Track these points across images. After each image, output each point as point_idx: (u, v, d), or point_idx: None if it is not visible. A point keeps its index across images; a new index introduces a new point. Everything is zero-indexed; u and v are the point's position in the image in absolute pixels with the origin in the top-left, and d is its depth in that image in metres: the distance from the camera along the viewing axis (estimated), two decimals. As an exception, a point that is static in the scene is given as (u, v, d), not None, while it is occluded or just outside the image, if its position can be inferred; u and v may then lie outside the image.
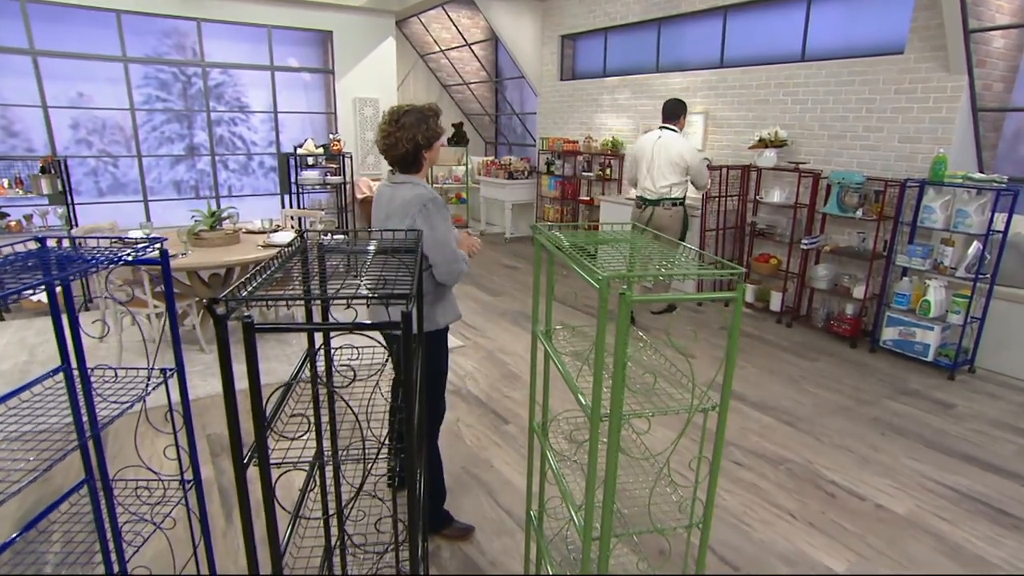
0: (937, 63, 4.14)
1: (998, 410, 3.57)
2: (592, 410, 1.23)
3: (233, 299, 0.97)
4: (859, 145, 4.62)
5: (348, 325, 1.01)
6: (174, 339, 1.48)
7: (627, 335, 1.18)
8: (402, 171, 2.17)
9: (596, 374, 1.20)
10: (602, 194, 7.19)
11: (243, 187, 8.80)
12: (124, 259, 1.28)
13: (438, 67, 10.12)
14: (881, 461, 3.00)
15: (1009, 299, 3.98)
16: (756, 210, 5.29)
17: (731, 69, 5.56)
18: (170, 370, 1.44)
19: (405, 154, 2.10)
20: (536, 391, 1.96)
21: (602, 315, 1.18)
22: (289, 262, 1.40)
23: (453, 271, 2.11)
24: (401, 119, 2.07)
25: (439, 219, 2.07)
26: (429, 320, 2.17)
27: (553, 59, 7.87)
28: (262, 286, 1.15)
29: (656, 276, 1.26)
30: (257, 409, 0.98)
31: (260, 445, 0.99)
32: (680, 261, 1.41)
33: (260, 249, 4.13)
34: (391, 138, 2.08)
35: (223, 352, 0.95)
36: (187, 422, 1.47)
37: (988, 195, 3.78)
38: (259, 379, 0.98)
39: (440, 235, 2.05)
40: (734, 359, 1.27)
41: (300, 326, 1.07)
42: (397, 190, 2.14)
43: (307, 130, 8.82)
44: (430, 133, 2.10)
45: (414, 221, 2.04)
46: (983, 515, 2.62)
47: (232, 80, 8.30)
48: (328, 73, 8.60)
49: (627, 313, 1.15)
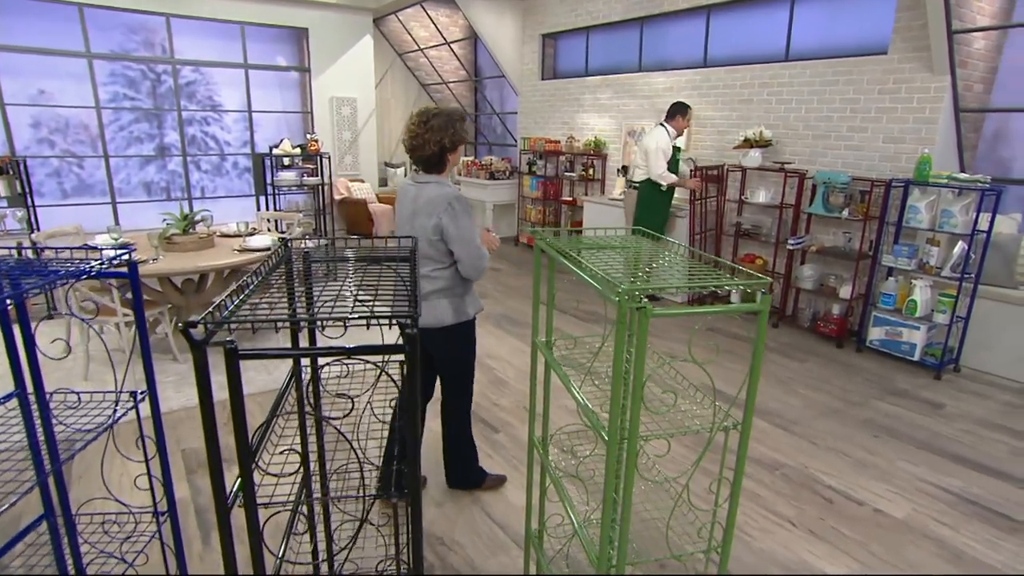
0: (920, 63, 4.15)
1: (986, 409, 3.58)
2: (609, 433, 1.14)
3: (212, 321, 0.86)
4: (844, 145, 4.63)
5: (344, 350, 0.90)
6: (144, 357, 1.35)
7: (644, 352, 1.09)
8: (426, 171, 2.27)
9: (614, 397, 1.11)
10: (585, 194, 7.12)
11: (216, 188, 8.54)
12: (87, 272, 1.15)
13: (416, 66, 9.96)
14: (876, 464, 2.97)
15: (992, 298, 4.01)
16: (741, 210, 5.27)
17: (715, 69, 5.54)
18: (141, 393, 1.31)
19: (431, 155, 2.20)
20: (530, 401, 1.87)
21: (620, 332, 1.09)
22: (272, 274, 1.28)
23: (478, 267, 2.26)
24: (430, 121, 2.17)
25: (464, 217, 2.18)
26: (460, 312, 2.33)
27: (534, 58, 7.78)
28: (243, 303, 1.03)
29: (678, 288, 1.17)
30: (242, 445, 0.86)
31: (246, 483, 0.88)
32: (695, 270, 1.32)
33: (236, 253, 3.96)
34: (419, 139, 2.18)
35: (202, 381, 0.84)
36: (160, 450, 1.34)
37: (972, 195, 3.79)
38: (244, 411, 0.87)
39: (466, 232, 2.18)
40: (758, 374, 1.19)
41: (288, 352, 0.95)
42: (423, 189, 2.24)
43: (282, 130, 8.59)
44: (456, 137, 2.21)
45: (440, 219, 2.16)
46: (980, 518, 2.60)
47: (204, 78, 8.04)
48: (304, 71, 8.40)
49: (646, 330, 1.07)
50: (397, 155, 10.17)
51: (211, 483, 0.87)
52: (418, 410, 0.93)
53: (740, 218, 5.29)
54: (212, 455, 0.85)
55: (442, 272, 2.29)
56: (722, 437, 1.35)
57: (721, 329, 4.84)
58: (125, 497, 2.15)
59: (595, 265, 1.28)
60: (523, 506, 2.61)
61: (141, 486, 1.45)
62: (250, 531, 0.90)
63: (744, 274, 1.22)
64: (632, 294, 1.06)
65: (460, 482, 2.71)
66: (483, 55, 9.23)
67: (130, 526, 1.41)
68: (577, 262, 1.30)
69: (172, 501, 1.40)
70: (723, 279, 1.24)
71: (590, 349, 1.78)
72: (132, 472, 2.70)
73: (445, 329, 2.34)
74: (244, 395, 0.88)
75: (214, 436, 0.85)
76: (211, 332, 0.85)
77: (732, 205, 5.33)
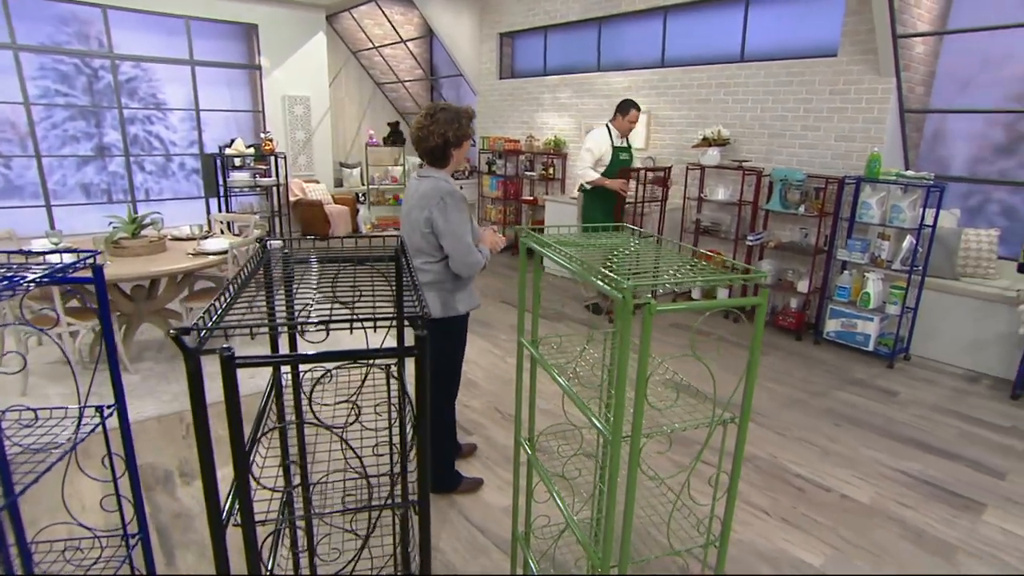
0: (867, 66, 4.33)
1: (936, 395, 3.76)
2: (613, 432, 1.12)
3: (206, 328, 0.79)
4: (798, 144, 4.78)
5: (355, 353, 0.85)
6: (111, 367, 1.25)
7: (648, 348, 1.08)
8: (431, 164, 2.31)
9: (618, 393, 1.09)
10: (546, 194, 7.14)
11: (162, 190, 8.16)
12: (53, 277, 1.05)
13: (371, 64, 9.78)
14: (840, 452, 3.07)
15: (937, 289, 4.22)
16: (700, 208, 5.38)
17: (672, 69, 5.64)
18: (108, 407, 1.21)
19: (434, 148, 2.24)
20: (516, 400, 1.84)
21: (626, 327, 1.07)
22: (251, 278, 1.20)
23: (467, 263, 2.24)
24: (437, 115, 2.22)
25: (454, 212, 2.20)
26: (448, 307, 2.32)
27: (492, 57, 7.75)
28: (229, 308, 0.96)
29: (679, 283, 1.16)
30: (239, 457, 0.80)
31: (243, 498, 0.82)
32: (686, 266, 1.32)
33: (190, 257, 3.78)
34: (424, 131, 2.23)
35: (196, 392, 0.77)
36: (130, 467, 1.24)
37: (919, 191, 3.98)
38: (240, 422, 0.80)
39: (454, 227, 2.19)
40: (756, 369, 1.20)
41: (289, 357, 0.89)
42: (422, 183, 2.28)
43: (232, 129, 8.29)
44: (460, 132, 2.25)
45: (431, 212, 2.19)
46: (937, 498, 2.72)
47: (146, 74, 7.66)
48: (255, 69, 8.12)
49: (650, 325, 1.05)
50: (352, 155, 9.96)
51: (205, 500, 0.80)
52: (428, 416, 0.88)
53: (699, 215, 5.40)
54: (206, 470, 0.78)
55: (432, 265, 2.31)
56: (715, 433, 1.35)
57: (693, 328, 4.93)
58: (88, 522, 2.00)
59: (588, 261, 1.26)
60: (502, 508, 2.58)
61: (108, 507, 1.34)
62: (247, 548, 0.84)
63: (740, 269, 1.22)
64: (636, 290, 1.04)
65: (435, 485, 2.66)
66: (439, 53, 9.14)
67: (95, 551, 1.31)
68: (571, 260, 1.28)
69: (143, 522, 1.30)
70: (719, 274, 1.24)
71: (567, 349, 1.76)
72: (86, 493, 2.53)
73: (431, 322, 2.33)
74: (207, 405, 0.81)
75: (208, 449, 0.78)
76: (204, 339, 0.78)
77: (692, 203, 5.43)
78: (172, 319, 4.20)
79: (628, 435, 1.13)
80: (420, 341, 0.84)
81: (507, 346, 4.42)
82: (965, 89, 4.55)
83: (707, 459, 2.88)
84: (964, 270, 4.29)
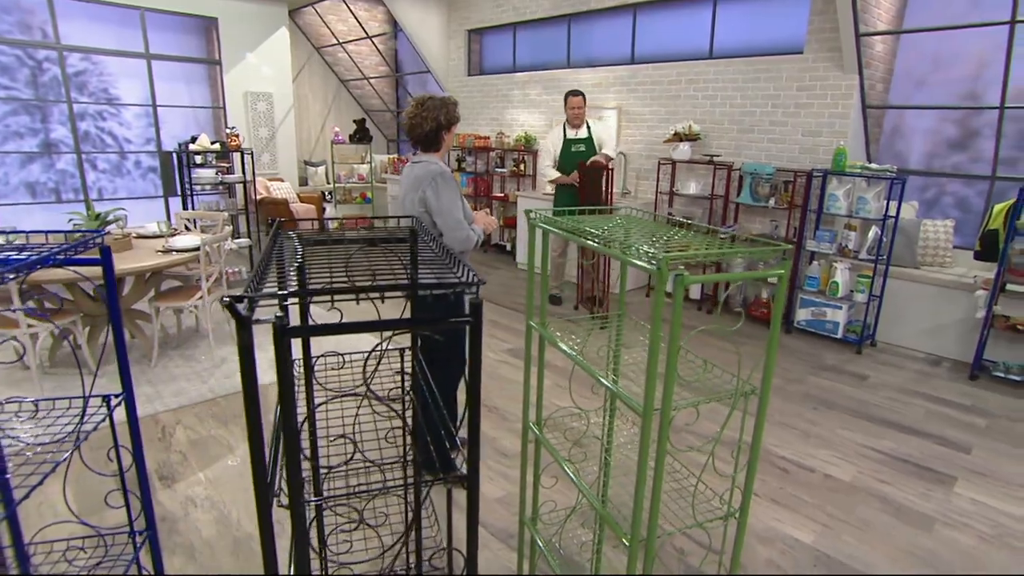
0: (832, 63, 4.49)
1: (902, 378, 3.93)
2: (645, 406, 1.12)
3: (261, 295, 0.75)
4: (766, 138, 4.92)
5: (415, 322, 0.82)
6: (119, 355, 1.18)
7: (680, 320, 1.09)
8: (424, 150, 2.47)
9: (650, 367, 1.09)
10: (517, 190, 7.14)
11: (117, 189, 7.82)
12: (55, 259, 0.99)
13: (335, 60, 9.61)
14: (820, 434, 3.17)
15: (900, 277, 4.40)
16: (672, 202, 5.48)
17: (642, 65, 5.72)
18: (116, 396, 1.15)
19: (429, 132, 2.40)
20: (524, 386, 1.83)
21: (659, 300, 1.08)
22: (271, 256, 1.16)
23: (459, 238, 2.35)
24: (426, 103, 2.41)
25: (445, 189, 2.34)
26: None
27: (460, 53, 7.72)
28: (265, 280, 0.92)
29: (707, 256, 1.18)
30: (291, 437, 0.77)
31: (293, 478, 0.78)
32: (700, 240, 1.34)
33: (159, 255, 3.63)
34: (417, 118, 2.39)
35: (247, 365, 0.73)
36: (138, 461, 1.18)
37: (883, 184, 4.14)
38: (294, 398, 0.77)
39: (444, 203, 2.33)
40: (776, 342, 1.23)
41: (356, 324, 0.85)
42: (415, 167, 2.43)
43: (191, 126, 8.01)
44: (450, 116, 2.44)
45: (424, 192, 2.34)
46: (912, 474, 2.84)
47: (97, 68, 7.33)
48: (215, 64, 7.87)
49: (681, 296, 1.06)
50: (317, 153, 9.76)
51: (253, 479, 0.76)
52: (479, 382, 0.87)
53: (671, 209, 5.50)
54: (255, 446, 0.75)
55: None
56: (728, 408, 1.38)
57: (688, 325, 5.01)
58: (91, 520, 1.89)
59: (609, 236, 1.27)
60: (496, 499, 2.57)
61: (113, 503, 1.27)
62: (295, 529, 0.80)
63: (760, 243, 1.24)
64: (667, 262, 1.05)
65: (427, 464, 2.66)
66: (405, 50, 9.05)
67: (100, 550, 1.24)
68: (590, 235, 1.28)
69: (151, 519, 1.23)
70: (739, 248, 1.26)
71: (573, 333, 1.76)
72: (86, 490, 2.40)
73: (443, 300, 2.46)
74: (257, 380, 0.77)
75: (258, 426, 0.75)
76: (255, 306, 0.75)
77: (664, 197, 5.52)
78: (139, 319, 4.04)
79: (657, 407, 1.14)
80: (475, 309, 0.82)
81: (487, 340, 4.41)
82: (920, 86, 4.76)
83: (716, 436, 2.93)
84: (923, 259, 4.49)
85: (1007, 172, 4.30)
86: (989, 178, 4.37)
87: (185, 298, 3.83)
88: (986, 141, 4.43)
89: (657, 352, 1.10)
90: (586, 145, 4.83)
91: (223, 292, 4.12)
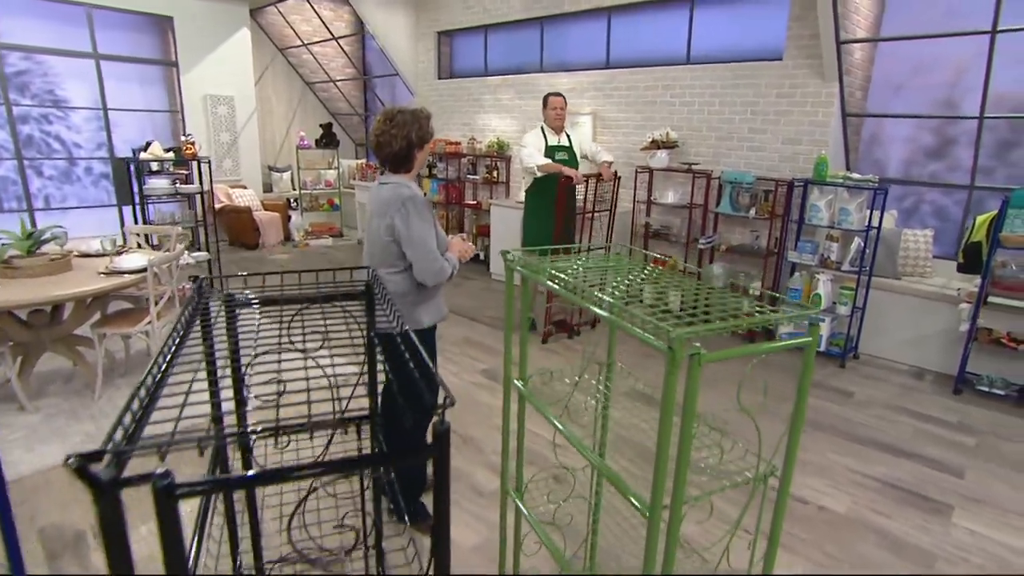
0: (812, 70, 4.38)
1: (888, 393, 3.84)
2: (652, 506, 0.93)
3: (120, 450, 0.53)
4: (745, 146, 4.80)
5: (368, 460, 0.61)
6: None
7: (695, 407, 0.90)
8: (392, 170, 2.19)
9: (660, 461, 0.90)
10: (491, 198, 6.93)
11: (66, 198, 7.38)
12: None
13: (300, 62, 9.27)
14: (810, 460, 3.04)
15: (881, 288, 4.32)
16: (650, 211, 5.34)
17: (618, 70, 5.57)
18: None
19: (398, 151, 2.12)
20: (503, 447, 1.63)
21: (671, 384, 0.88)
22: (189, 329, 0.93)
23: (432, 271, 2.11)
24: (396, 118, 2.11)
25: (416, 218, 2.07)
26: (411, 320, 2.17)
27: (430, 56, 7.47)
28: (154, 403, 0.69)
29: (729, 328, 1.00)
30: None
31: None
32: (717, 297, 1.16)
33: (102, 278, 3.33)
34: (385, 135, 2.11)
35: (115, 546, 0.51)
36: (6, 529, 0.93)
37: (865, 194, 4.05)
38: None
39: (416, 233, 2.07)
40: (802, 418, 1.04)
41: (292, 471, 0.62)
42: (382, 190, 2.17)
43: (147, 131, 7.60)
44: (423, 132, 2.15)
45: (392, 220, 2.07)
46: (908, 503, 2.72)
47: (41, 68, 6.88)
48: (171, 66, 7.47)
49: (697, 380, 0.87)
50: (282, 158, 9.40)
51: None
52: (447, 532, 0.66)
53: (649, 219, 5.36)
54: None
55: (395, 276, 2.17)
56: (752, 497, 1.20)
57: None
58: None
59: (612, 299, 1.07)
60: (471, 548, 2.36)
61: None
62: None
63: (780, 301, 1.06)
64: (684, 340, 0.86)
65: (397, 513, 2.44)
66: (372, 52, 8.76)
67: None
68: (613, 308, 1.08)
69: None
70: (768, 312, 1.08)
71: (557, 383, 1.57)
72: None
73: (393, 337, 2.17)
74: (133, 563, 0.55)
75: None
76: (122, 461, 0.53)
77: (641, 206, 5.38)
78: (81, 346, 3.71)
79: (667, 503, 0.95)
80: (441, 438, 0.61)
81: (460, 360, 4.19)
82: (898, 94, 4.70)
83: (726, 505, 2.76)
84: (904, 269, 4.42)
85: (985, 181, 4.26)
86: (967, 188, 4.32)
87: (133, 323, 3.52)
88: (963, 149, 4.38)
89: (667, 448, 0.90)
90: (569, 153, 4.42)
91: (176, 313, 3.82)
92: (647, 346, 0.94)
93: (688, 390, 0.86)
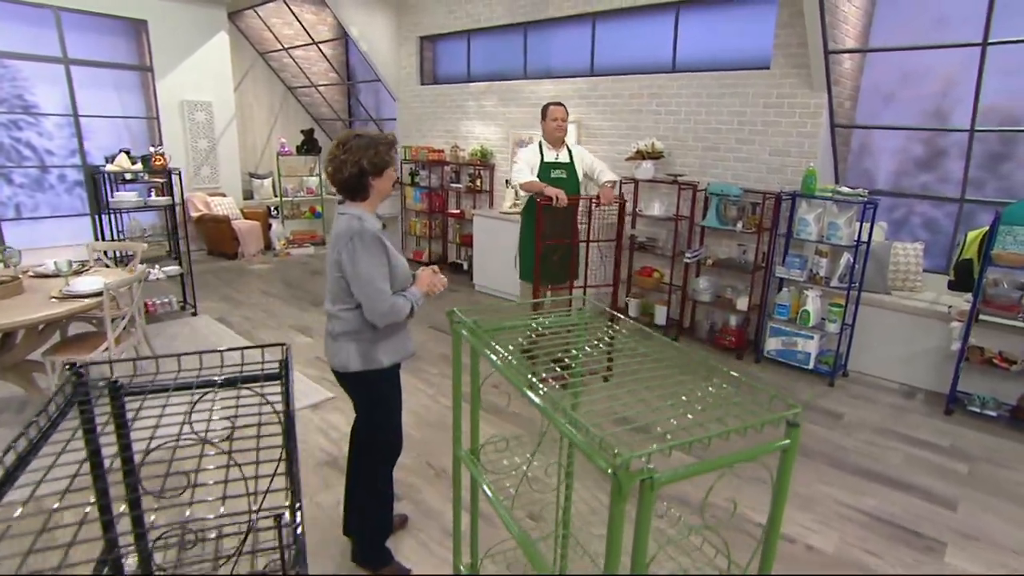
0: (800, 80, 4.26)
1: (878, 415, 3.72)
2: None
3: None
4: (732, 157, 4.68)
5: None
6: None
7: (647, 535, 0.76)
8: (350, 199, 2.05)
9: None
10: (474, 207, 6.79)
11: (38, 206, 7.16)
12: None
13: (281, 67, 9.07)
14: (797, 491, 2.91)
15: (871, 304, 4.21)
16: (635, 223, 5.20)
17: (602, 78, 5.43)
18: None
19: (349, 178, 1.97)
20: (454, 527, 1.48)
21: (618, 516, 0.74)
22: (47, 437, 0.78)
23: (380, 312, 1.95)
24: (349, 143, 1.97)
25: (363, 255, 1.92)
26: (369, 359, 2.03)
27: (412, 61, 7.31)
28: None
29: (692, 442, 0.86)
30: None
31: None
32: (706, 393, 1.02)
33: (53, 303, 3.15)
34: (335, 161, 1.98)
35: None
36: None
37: (855, 207, 3.93)
38: None
39: (364, 271, 1.92)
40: (779, 523, 0.91)
41: None
42: (339, 221, 2.03)
43: (123, 137, 7.39)
44: (378, 159, 1.98)
45: (340, 255, 1.94)
46: (900, 540, 2.60)
47: (9, 72, 6.66)
48: (146, 71, 7.26)
49: (650, 506, 0.73)
50: (264, 164, 9.21)
51: None
52: None
53: (634, 231, 5.22)
54: None
55: (348, 313, 2.02)
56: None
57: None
58: None
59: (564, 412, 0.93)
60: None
61: None
62: None
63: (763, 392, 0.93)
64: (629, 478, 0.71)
65: (361, 558, 2.30)
66: (355, 57, 8.58)
67: None
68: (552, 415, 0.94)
69: None
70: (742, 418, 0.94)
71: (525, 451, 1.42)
72: None
73: (352, 375, 2.06)
74: None
75: None
76: None
77: (626, 218, 5.23)
78: (36, 371, 3.53)
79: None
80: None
81: (437, 382, 4.04)
82: (887, 104, 4.59)
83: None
84: (894, 284, 4.31)
85: (975, 194, 4.15)
86: (958, 200, 4.21)
87: (89, 349, 3.35)
88: (953, 161, 4.27)
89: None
90: (568, 171, 3.96)
91: (137, 338, 3.65)
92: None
93: (639, 523, 0.71)
